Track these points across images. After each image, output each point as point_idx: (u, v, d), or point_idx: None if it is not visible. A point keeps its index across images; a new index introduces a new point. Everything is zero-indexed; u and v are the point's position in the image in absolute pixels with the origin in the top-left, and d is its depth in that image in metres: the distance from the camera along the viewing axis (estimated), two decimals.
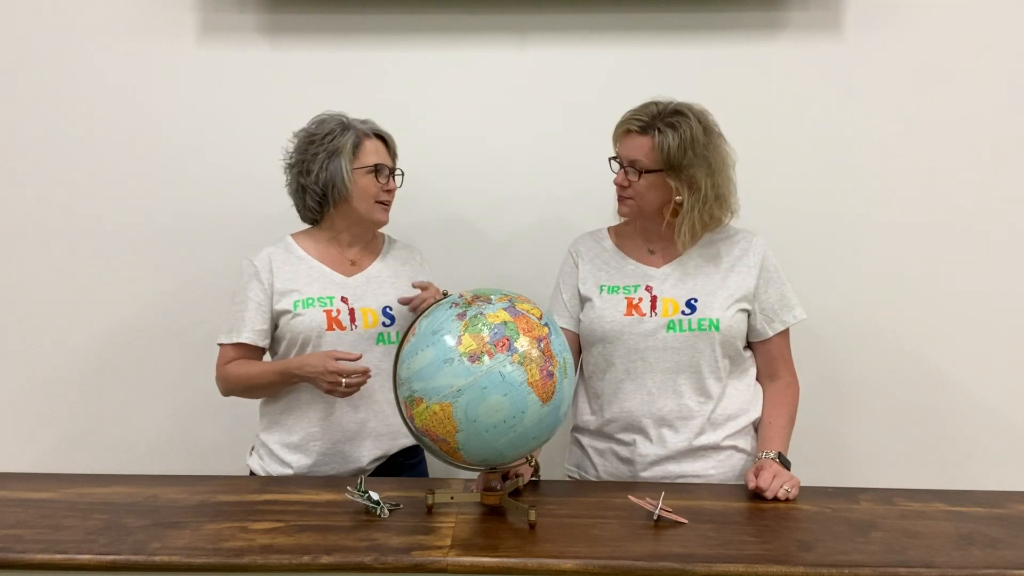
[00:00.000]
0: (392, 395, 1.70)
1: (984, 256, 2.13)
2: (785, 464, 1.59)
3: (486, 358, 1.29)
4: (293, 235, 1.85)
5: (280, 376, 1.71)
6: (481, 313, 1.34)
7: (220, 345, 1.77)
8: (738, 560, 1.25)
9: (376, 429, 1.77)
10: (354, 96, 2.13)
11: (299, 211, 1.83)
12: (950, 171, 2.11)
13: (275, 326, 1.78)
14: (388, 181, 1.80)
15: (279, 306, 1.75)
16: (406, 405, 1.38)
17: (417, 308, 1.73)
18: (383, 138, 1.82)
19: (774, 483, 1.50)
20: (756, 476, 1.52)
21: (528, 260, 2.16)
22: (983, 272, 2.13)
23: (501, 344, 1.30)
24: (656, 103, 1.64)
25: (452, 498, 1.45)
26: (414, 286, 1.79)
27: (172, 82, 2.17)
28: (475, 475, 1.51)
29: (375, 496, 1.43)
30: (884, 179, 2.12)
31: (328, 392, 1.66)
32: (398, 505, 1.45)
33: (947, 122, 2.10)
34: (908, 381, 2.17)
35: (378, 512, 1.41)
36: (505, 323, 1.32)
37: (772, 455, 1.60)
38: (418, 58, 2.15)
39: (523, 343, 1.31)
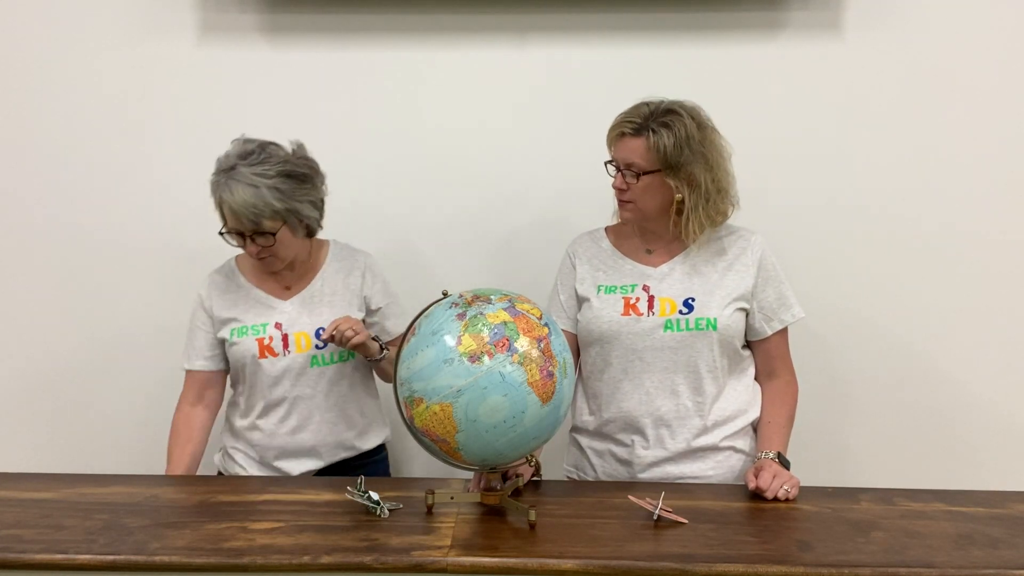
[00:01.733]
0: (329, 415, 1.80)
1: (984, 255, 2.12)
2: (784, 464, 1.59)
3: (486, 358, 1.29)
4: (237, 257, 1.86)
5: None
6: (481, 313, 1.34)
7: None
8: (738, 560, 1.25)
9: (314, 448, 1.80)
10: (354, 96, 2.15)
11: None
12: (950, 171, 2.11)
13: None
14: (245, 245, 1.70)
15: (220, 334, 1.81)
16: (406, 405, 1.38)
17: (333, 337, 1.72)
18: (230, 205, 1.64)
19: (774, 483, 1.50)
20: (756, 476, 1.52)
21: (528, 260, 2.16)
22: (983, 271, 2.13)
23: (501, 344, 1.30)
24: (647, 103, 1.63)
25: (452, 498, 1.45)
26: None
27: (172, 82, 2.17)
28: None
29: (375, 496, 1.43)
30: (884, 179, 2.12)
31: None
32: (398, 505, 1.45)
33: (947, 122, 2.10)
34: (908, 381, 2.17)
35: (378, 512, 1.41)
36: (505, 323, 1.32)
37: (771, 455, 1.60)
38: (418, 58, 2.14)
39: (523, 343, 1.31)
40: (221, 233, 1.71)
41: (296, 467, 1.80)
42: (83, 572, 1.27)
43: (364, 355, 1.78)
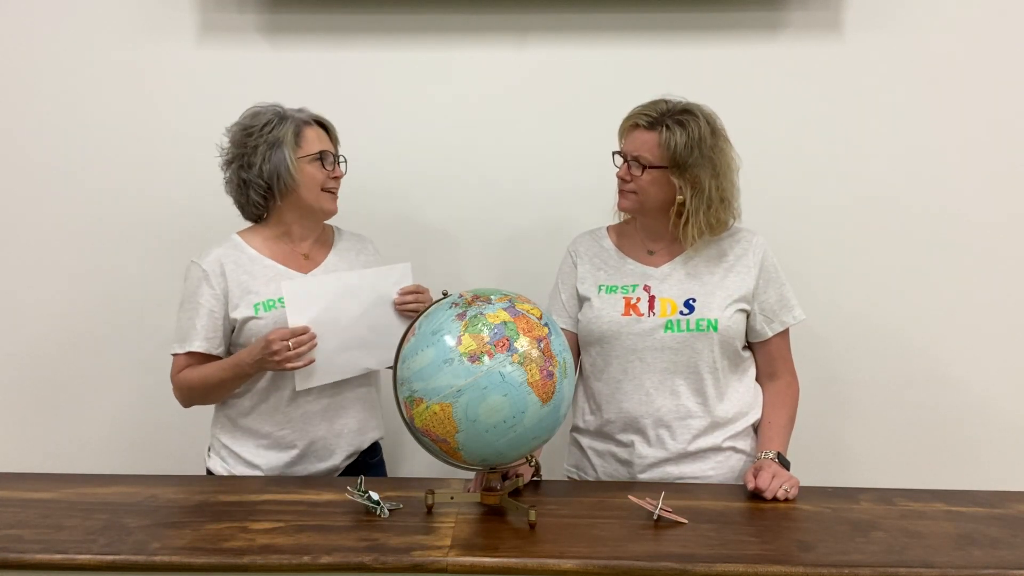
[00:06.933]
0: (360, 391, 1.77)
1: (984, 256, 2.13)
2: (784, 464, 1.59)
3: (486, 358, 1.29)
4: (240, 233, 1.78)
5: (232, 370, 1.65)
6: (481, 313, 1.34)
7: (173, 355, 1.73)
8: (738, 560, 1.25)
9: (348, 425, 1.76)
10: (354, 96, 2.14)
11: (241, 208, 1.78)
12: (950, 171, 2.11)
13: (232, 330, 1.72)
14: (334, 168, 1.76)
15: (237, 313, 1.69)
16: (406, 405, 1.38)
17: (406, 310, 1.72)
18: (323, 125, 1.77)
19: (773, 483, 1.50)
20: (755, 476, 1.52)
21: (528, 260, 2.16)
22: (983, 272, 2.13)
23: (501, 344, 1.30)
24: (666, 100, 1.64)
25: (452, 498, 1.45)
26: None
27: (172, 82, 2.17)
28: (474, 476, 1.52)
29: (375, 496, 1.43)
30: (884, 179, 2.12)
31: (280, 364, 1.59)
32: (398, 505, 1.45)
33: (947, 122, 2.10)
34: (908, 381, 2.17)
35: (378, 512, 1.41)
36: (505, 323, 1.33)
37: (771, 455, 1.60)
38: (418, 58, 2.15)
39: (523, 343, 1.31)
40: (315, 155, 1.71)
41: (332, 450, 1.73)
42: (83, 572, 1.27)
43: None
